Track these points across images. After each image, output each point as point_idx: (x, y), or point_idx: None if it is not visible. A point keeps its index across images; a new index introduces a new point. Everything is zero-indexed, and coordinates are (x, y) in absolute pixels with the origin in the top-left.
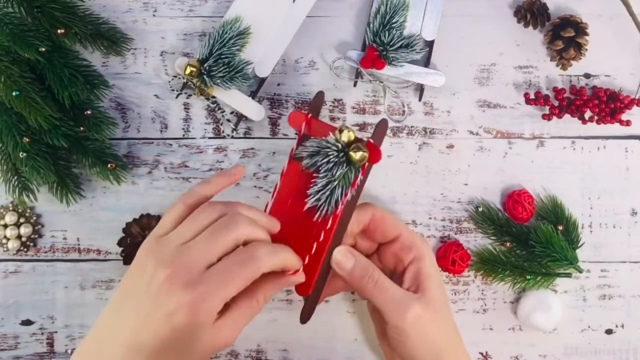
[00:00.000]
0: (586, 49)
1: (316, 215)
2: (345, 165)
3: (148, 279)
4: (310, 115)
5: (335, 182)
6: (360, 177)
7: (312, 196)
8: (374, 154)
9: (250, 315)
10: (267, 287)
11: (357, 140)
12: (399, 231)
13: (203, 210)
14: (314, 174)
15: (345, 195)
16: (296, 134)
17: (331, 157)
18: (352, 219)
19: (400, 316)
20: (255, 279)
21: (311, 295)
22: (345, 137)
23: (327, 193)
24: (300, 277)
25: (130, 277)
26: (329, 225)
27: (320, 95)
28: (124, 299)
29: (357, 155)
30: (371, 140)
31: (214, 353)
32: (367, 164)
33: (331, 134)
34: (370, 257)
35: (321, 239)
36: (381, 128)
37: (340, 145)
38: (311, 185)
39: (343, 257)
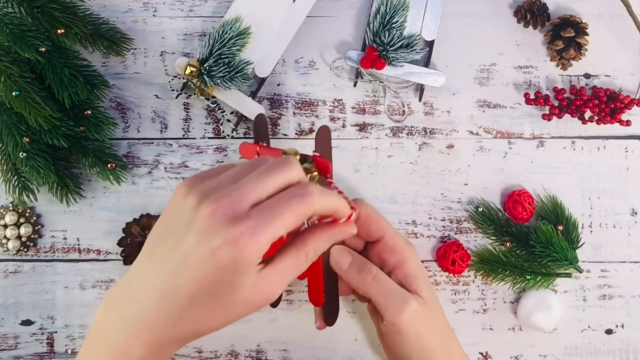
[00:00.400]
0: (586, 49)
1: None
2: None
3: (189, 215)
4: (259, 143)
5: None
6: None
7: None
8: (322, 168)
9: (297, 270)
10: (317, 237)
11: (303, 157)
12: (382, 232)
13: (264, 160)
14: None
15: None
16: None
17: None
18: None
19: (397, 312)
20: (305, 232)
21: (327, 301)
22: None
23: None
24: (352, 228)
25: (166, 217)
26: None
27: (261, 118)
28: (159, 241)
29: (310, 177)
30: (316, 155)
31: (254, 308)
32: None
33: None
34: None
35: None
36: (322, 136)
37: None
38: None
39: (340, 255)
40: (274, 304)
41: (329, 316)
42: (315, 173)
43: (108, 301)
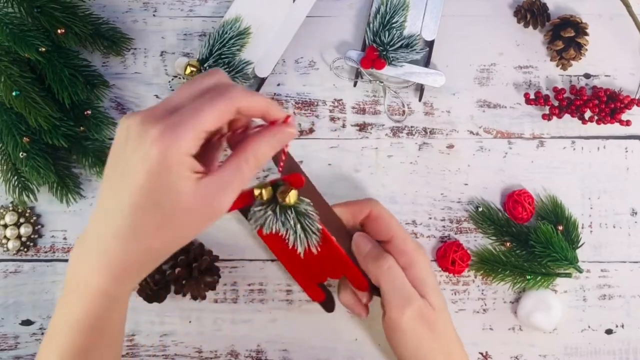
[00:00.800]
0: (586, 49)
1: (313, 250)
2: (288, 212)
3: (125, 134)
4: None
5: (295, 227)
6: (305, 208)
7: (290, 243)
8: (296, 182)
9: (240, 178)
10: (255, 141)
11: (274, 182)
12: (392, 234)
13: (198, 78)
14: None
15: (310, 222)
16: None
17: (271, 216)
18: (350, 213)
19: (400, 308)
20: (244, 139)
21: (370, 286)
22: (266, 194)
23: (299, 235)
24: (292, 129)
25: (111, 148)
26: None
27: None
28: (108, 169)
29: (288, 199)
30: (283, 177)
31: (201, 220)
32: (297, 196)
33: (255, 201)
34: None
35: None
36: (281, 157)
37: (269, 204)
38: (286, 240)
39: (361, 241)
40: (329, 308)
41: (369, 293)
42: (293, 190)
43: (78, 240)
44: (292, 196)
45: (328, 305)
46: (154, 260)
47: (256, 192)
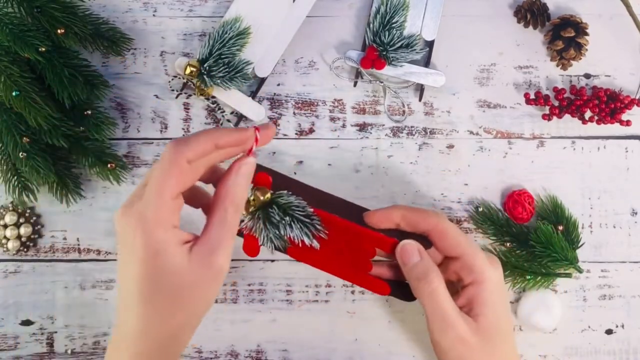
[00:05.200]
0: (586, 49)
1: (323, 235)
2: (270, 210)
3: (117, 231)
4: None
5: (285, 220)
6: (286, 199)
7: (297, 239)
8: (261, 180)
9: (227, 230)
10: (227, 184)
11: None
12: (461, 251)
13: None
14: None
15: (298, 208)
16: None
17: (261, 224)
18: (406, 219)
19: (443, 333)
20: (217, 189)
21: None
22: (244, 210)
23: (295, 227)
24: (252, 157)
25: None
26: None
27: None
28: (118, 264)
29: (259, 197)
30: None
31: (213, 284)
32: (269, 192)
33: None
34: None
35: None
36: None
37: (252, 214)
38: (293, 239)
39: (410, 251)
40: (406, 297)
41: (421, 243)
42: (264, 189)
43: (111, 341)
44: (261, 192)
45: (401, 294)
46: (177, 343)
47: (246, 214)
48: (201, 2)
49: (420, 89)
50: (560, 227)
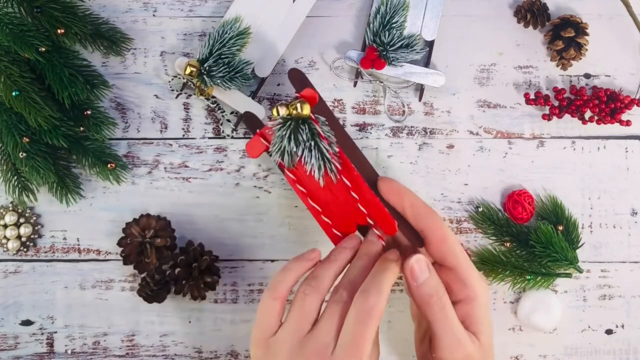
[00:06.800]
0: (586, 49)
1: (332, 178)
2: (301, 126)
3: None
4: (258, 131)
5: (309, 143)
6: (320, 125)
7: (308, 166)
8: (309, 98)
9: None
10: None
11: (289, 104)
12: (456, 262)
13: (301, 299)
14: (301, 161)
15: (326, 140)
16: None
17: (287, 133)
18: (408, 198)
19: (453, 351)
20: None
21: (402, 227)
22: (282, 111)
23: (314, 155)
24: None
25: None
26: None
27: (249, 117)
28: None
29: (300, 109)
30: (298, 93)
31: None
32: (313, 114)
33: (270, 119)
34: None
35: (356, 187)
36: (294, 77)
37: (284, 120)
38: (304, 164)
39: (418, 268)
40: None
41: (413, 238)
42: (306, 104)
43: None
44: (304, 107)
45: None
46: None
47: (273, 111)
48: (201, 2)
49: (420, 89)
50: (560, 227)
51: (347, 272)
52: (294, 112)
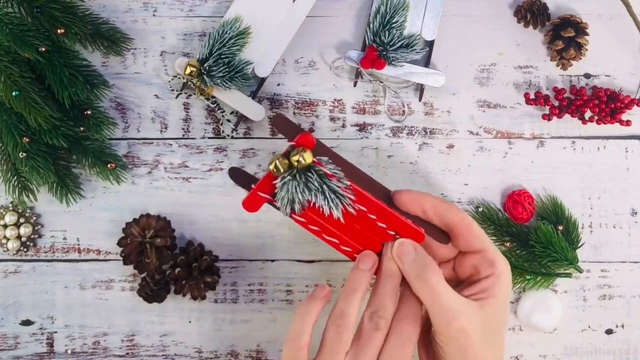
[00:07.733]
0: (586, 49)
1: (351, 211)
2: (309, 174)
3: None
4: (253, 186)
5: (321, 188)
6: (322, 167)
7: (325, 208)
8: (306, 142)
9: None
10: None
11: (285, 152)
12: (484, 246)
13: (337, 340)
14: (312, 202)
15: (335, 178)
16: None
17: (296, 186)
18: (434, 208)
19: (445, 325)
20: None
21: (427, 229)
22: (281, 165)
23: (328, 196)
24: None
25: None
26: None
27: (236, 172)
28: None
29: (303, 158)
30: (289, 140)
31: None
32: (312, 155)
33: (272, 167)
34: (447, 263)
35: (377, 217)
36: (279, 124)
37: (289, 172)
38: (319, 208)
39: (404, 249)
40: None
41: (440, 237)
42: (307, 152)
43: None
44: (306, 155)
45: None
46: None
47: (271, 167)
48: (201, 2)
49: (420, 89)
50: (560, 227)
51: (378, 297)
52: (297, 164)
